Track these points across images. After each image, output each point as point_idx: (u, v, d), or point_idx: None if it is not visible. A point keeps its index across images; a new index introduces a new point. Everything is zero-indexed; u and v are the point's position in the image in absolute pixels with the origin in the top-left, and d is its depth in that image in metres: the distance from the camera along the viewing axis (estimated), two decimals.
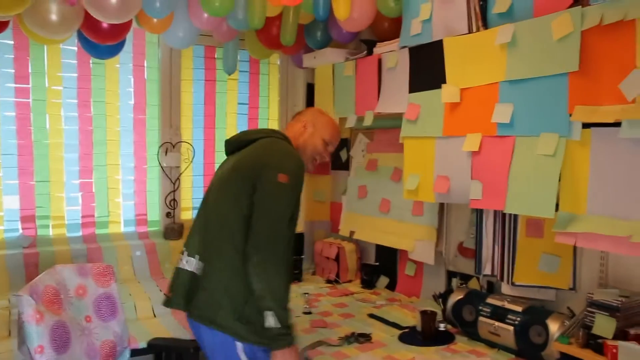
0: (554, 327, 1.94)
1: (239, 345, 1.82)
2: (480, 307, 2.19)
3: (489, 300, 2.19)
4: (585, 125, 1.76)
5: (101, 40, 2.51)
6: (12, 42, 2.70)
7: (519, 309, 2.08)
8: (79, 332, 1.98)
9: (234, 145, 2.09)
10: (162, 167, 3.10)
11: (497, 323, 2.10)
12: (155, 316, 2.60)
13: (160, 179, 3.13)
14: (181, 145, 3.15)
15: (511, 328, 2.05)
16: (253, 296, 1.78)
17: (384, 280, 3.12)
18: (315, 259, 3.44)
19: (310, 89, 3.44)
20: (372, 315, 2.57)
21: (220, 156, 3.31)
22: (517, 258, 2.22)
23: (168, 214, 3.13)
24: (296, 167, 1.93)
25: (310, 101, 3.40)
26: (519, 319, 2.05)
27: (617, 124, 1.65)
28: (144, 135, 3.09)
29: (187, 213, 3.23)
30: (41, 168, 2.81)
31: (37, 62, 2.78)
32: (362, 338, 2.23)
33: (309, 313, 2.60)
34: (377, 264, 3.17)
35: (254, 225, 1.81)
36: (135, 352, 2.22)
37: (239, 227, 1.83)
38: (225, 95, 3.35)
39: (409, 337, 2.28)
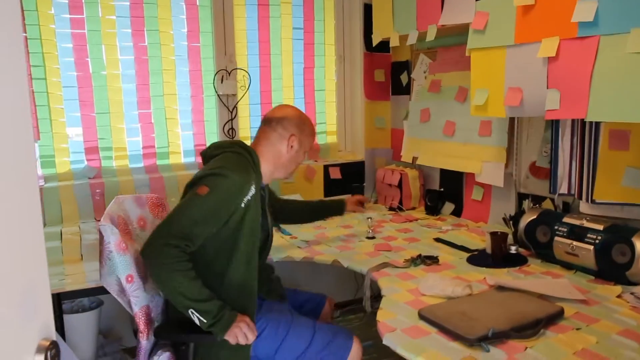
0: None
1: None
2: (556, 227, 2.05)
3: (566, 220, 2.05)
4: None
5: None
6: None
7: (600, 227, 1.93)
8: None
9: (206, 159, 1.95)
10: (218, 95, 3.05)
11: (575, 243, 1.97)
12: None
13: (217, 108, 3.09)
14: (237, 72, 3.07)
15: (591, 247, 1.91)
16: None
17: (449, 207, 3.01)
18: (377, 187, 3.35)
19: (367, 10, 3.27)
20: (438, 240, 2.48)
21: (277, 84, 3.24)
22: (598, 174, 2.05)
23: None
24: (227, 186, 1.73)
25: (368, 22, 3.23)
26: (600, 237, 1.90)
27: None
28: (199, 64, 3.03)
29: (246, 141, 3.18)
30: (101, 99, 2.82)
31: None
32: (429, 260, 2.15)
33: (373, 238, 2.54)
34: (442, 189, 3.06)
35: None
36: None
37: None
38: (280, 20, 3.23)
39: (479, 259, 2.18)
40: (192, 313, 1.65)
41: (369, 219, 2.64)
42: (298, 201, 2.52)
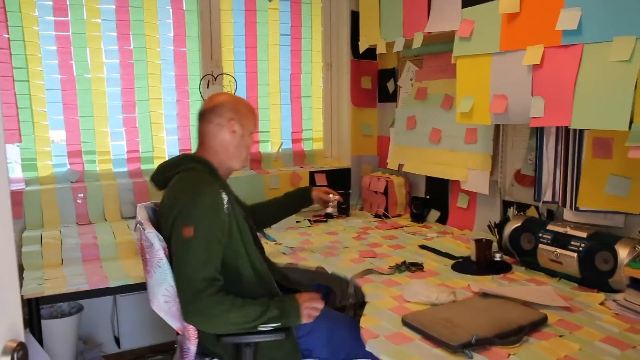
0: (623, 252, 1.79)
1: None
2: (540, 234, 2.05)
3: (550, 227, 2.05)
4: None
5: None
6: None
7: (583, 234, 1.93)
8: None
9: (159, 184, 1.89)
10: (204, 100, 3.02)
11: (558, 250, 1.97)
12: None
13: None
14: (223, 77, 3.06)
15: (575, 255, 1.91)
16: None
17: (434, 214, 3.01)
18: (362, 194, 3.35)
19: (354, 18, 3.28)
20: (423, 247, 2.47)
21: (263, 90, 3.23)
22: (582, 181, 2.06)
23: None
24: (204, 210, 1.67)
25: (355, 30, 3.24)
26: (583, 245, 1.91)
27: None
28: (185, 69, 3.01)
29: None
30: (84, 103, 2.79)
31: None
32: (414, 267, 2.14)
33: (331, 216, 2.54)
34: (428, 197, 3.06)
35: (176, 286, 1.67)
36: None
37: None
38: (267, 26, 3.22)
39: (463, 266, 2.17)
40: (263, 328, 1.68)
41: (335, 200, 2.44)
42: (264, 203, 2.43)
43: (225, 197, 1.73)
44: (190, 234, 1.64)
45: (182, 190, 1.73)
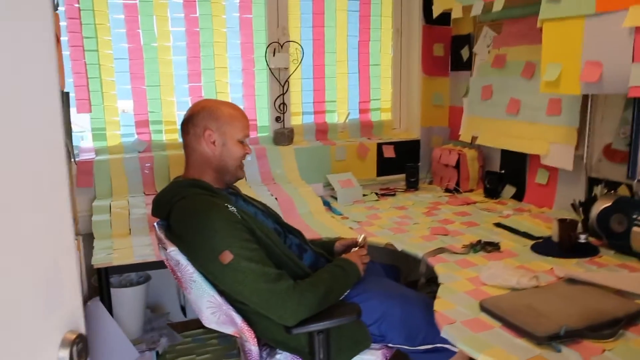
0: None
1: None
2: (635, 216, 1.87)
3: None
4: None
5: None
6: None
7: None
8: None
9: (162, 215, 1.77)
10: (270, 69, 2.95)
11: None
12: None
13: (268, 83, 2.99)
14: (289, 45, 2.96)
15: None
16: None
17: (510, 190, 2.83)
18: (432, 167, 3.20)
19: None
20: (499, 225, 2.33)
21: (330, 58, 3.12)
22: None
23: (277, 119, 3.00)
24: (223, 230, 1.58)
25: None
26: None
27: None
28: (251, 37, 2.94)
29: (297, 118, 3.09)
30: (151, 72, 2.77)
31: None
32: (490, 247, 2.01)
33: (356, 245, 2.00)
34: (503, 171, 2.88)
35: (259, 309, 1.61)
36: None
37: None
38: None
39: (544, 247, 2.02)
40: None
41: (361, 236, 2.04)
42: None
43: (232, 208, 1.66)
44: (230, 258, 1.56)
45: (192, 227, 1.62)
